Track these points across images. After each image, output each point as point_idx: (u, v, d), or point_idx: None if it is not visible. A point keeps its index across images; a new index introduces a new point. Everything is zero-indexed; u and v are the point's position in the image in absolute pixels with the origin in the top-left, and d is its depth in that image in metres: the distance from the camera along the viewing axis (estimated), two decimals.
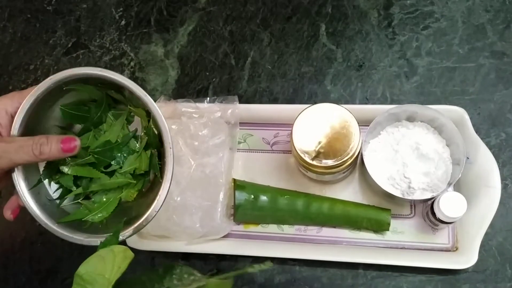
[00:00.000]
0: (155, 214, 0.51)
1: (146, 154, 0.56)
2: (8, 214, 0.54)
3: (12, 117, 0.51)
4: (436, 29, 0.76)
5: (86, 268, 0.44)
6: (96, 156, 0.53)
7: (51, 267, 0.75)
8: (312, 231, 0.70)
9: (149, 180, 0.57)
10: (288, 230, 0.70)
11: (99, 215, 0.54)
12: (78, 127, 0.57)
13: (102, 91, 0.55)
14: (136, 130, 0.57)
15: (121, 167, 0.55)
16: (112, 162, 0.55)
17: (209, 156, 0.70)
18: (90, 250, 0.47)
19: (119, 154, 0.55)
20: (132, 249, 0.69)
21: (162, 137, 0.52)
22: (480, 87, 0.73)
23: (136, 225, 0.51)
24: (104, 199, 0.55)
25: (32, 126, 0.52)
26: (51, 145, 0.49)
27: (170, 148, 0.51)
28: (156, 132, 0.54)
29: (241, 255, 0.70)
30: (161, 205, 0.51)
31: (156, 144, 0.55)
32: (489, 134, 0.71)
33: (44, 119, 0.55)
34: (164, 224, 0.68)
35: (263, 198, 0.69)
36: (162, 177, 0.52)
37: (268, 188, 0.70)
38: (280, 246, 0.69)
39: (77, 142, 0.50)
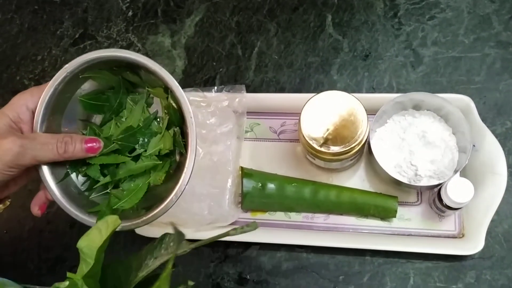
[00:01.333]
0: (185, 187, 0.52)
1: (169, 133, 0.56)
2: (35, 210, 0.54)
3: (33, 113, 0.51)
4: (442, 20, 0.77)
5: (85, 242, 0.44)
6: (119, 143, 0.54)
7: (59, 255, 0.75)
8: (319, 218, 0.70)
9: (175, 160, 0.57)
10: (296, 217, 0.71)
11: (129, 202, 0.54)
12: (98, 116, 0.57)
13: (118, 75, 0.55)
14: (156, 112, 0.57)
15: (145, 150, 0.55)
16: (136, 146, 0.55)
17: (216, 144, 0.70)
18: None
19: (142, 138, 0.55)
20: (141, 236, 0.70)
21: (182, 108, 0.52)
22: (485, 77, 0.73)
23: (168, 200, 0.52)
24: (133, 186, 0.55)
25: (53, 119, 0.52)
26: (75, 145, 0.50)
27: (191, 117, 0.51)
28: (175, 107, 0.54)
29: (248, 242, 0.70)
30: (189, 177, 0.51)
31: (177, 121, 0.55)
32: (495, 122, 0.71)
33: (64, 112, 0.54)
34: (172, 211, 0.68)
35: (271, 186, 0.70)
36: (186, 150, 0.52)
37: (275, 176, 0.71)
38: (287, 233, 0.70)
39: (100, 144, 0.51)
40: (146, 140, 0.56)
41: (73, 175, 0.55)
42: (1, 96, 0.85)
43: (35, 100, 0.51)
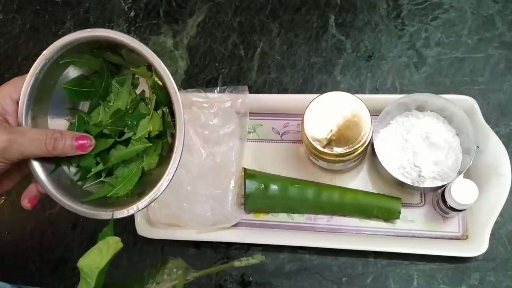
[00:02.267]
0: (175, 171, 0.49)
1: (157, 114, 0.54)
2: (25, 203, 0.52)
3: (17, 104, 0.50)
4: (445, 20, 0.77)
5: (85, 261, 0.44)
6: (108, 127, 0.52)
7: (61, 256, 0.75)
8: (322, 219, 0.70)
9: (167, 142, 0.55)
10: (299, 218, 0.71)
11: (124, 188, 0.53)
12: (86, 103, 0.56)
13: (99, 58, 0.53)
14: (143, 92, 0.55)
15: (135, 134, 0.54)
16: (125, 130, 0.54)
17: (219, 145, 0.70)
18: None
19: (130, 121, 0.54)
20: (143, 238, 0.70)
21: (165, 84, 0.50)
22: (489, 77, 0.73)
23: (160, 183, 0.50)
24: (126, 172, 0.54)
25: (39, 109, 0.51)
26: (65, 141, 0.48)
27: (176, 93, 0.49)
28: (161, 84, 0.51)
29: (251, 243, 0.70)
30: (179, 159, 0.49)
31: (165, 100, 0.53)
32: (499, 123, 0.71)
33: (50, 100, 0.53)
34: (175, 213, 0.68)
35: (274, 187, 0.69)
36: (175, 129, 0.50)
37: (278, 177, 0.71)
38: (290, 235, 0.69)
39: (91, 141, 0.50)
40: (134, 122, 0.54)
41: (65, 166, 0.54)
42: None
43: (18, 91, 0.50)
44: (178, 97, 0.49)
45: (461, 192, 0.60)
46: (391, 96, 0.70)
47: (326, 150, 0.62)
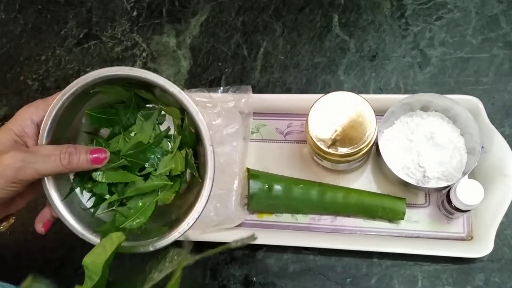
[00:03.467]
0: (198, 216, 0.50)
1: (181, 154, 0.54)
2: (39, 227, 0.52)
3: (38, 126, 0.49)
4: (449, 20, 0.76)
5: (90, 258, 0.44)
6: (128, 159, 0.52)
7: (63, 256, 0.75)
8: (326, 220, 0.70)
9: (186, 180, 0.56)
10: (302, 219, 0.70)
11: (137, 221, 0.52)
12: (106, 130, 0.56)
13: (130, 92, 0.53)
14: (168, 129, 0.56)
15: (155, 169, 0.54)
16: (146, 165, 0.53)
17: (223, 145, 0.70)
18: None
19: (153, 156, 0.54)
20: None
21: (201, 135, 0.50)
22: (494, 78, 0.73)
23: (179, 229, 0.51)
24: (140, 204, 0.54)
25: (59, 133, 0.51)
26: (79, 155, 0.48)
27: (210, 145, 0.50)
28: (192, 130, 0.52)
29: (255, 244, 0.69)
30: (204, 206, 0.50)
31: (191, 143, 0.53)
32: (503, 124, 0.71)
33: (71, 126, 0.53)
34: None
35: (277, 187, 0.69)
36: (201, 176, 0.50)
37: (282, 178, 0.70)
38: (294, 235, 0.69)
39: (106, 154, 0.49)
40: (156, 158, 0.54)
41: (78, 191, 0.54)
42: (5, 97, 0.85)
43: (40, 114, 0.49)
44: (213, 150, 0.50)
45: (467, 193, 0.60)
46: (395, 96, 0.69)
47: (330, 150, 0.61)
